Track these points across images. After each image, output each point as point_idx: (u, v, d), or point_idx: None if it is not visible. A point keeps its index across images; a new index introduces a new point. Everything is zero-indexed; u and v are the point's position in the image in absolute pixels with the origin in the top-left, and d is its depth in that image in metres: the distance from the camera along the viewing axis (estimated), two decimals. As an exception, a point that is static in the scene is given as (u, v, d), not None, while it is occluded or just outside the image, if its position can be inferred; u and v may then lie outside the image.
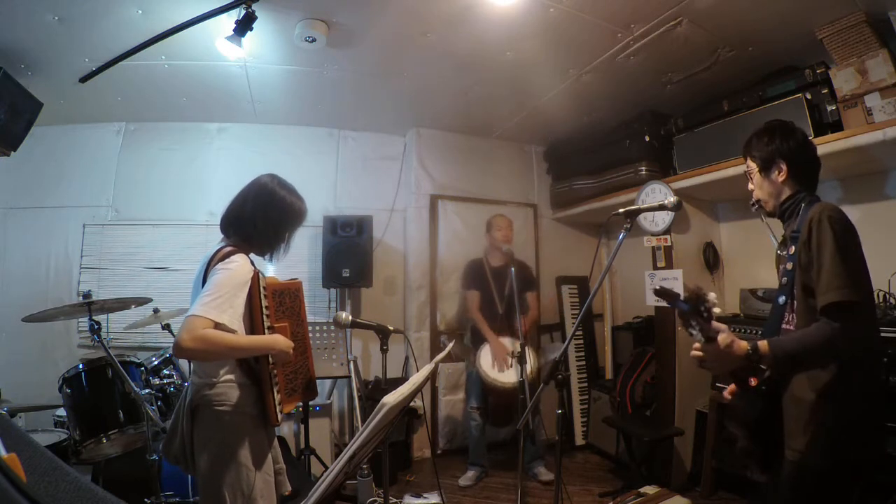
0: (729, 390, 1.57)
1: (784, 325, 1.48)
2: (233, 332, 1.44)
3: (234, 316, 1.44)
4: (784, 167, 1.49)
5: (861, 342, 1.34)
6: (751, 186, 1.61)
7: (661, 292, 1.28)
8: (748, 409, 1.48)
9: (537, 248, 4.41)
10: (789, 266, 1.44)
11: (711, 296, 1.25)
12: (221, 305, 1.41)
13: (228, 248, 1.54)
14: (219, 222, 1.68)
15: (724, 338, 1.29)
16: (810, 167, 1.53)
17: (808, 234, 1.36)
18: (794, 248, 1.43)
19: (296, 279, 1.79)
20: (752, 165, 1.57)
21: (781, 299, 1.46)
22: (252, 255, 1.65)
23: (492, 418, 3.43)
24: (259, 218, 1.62)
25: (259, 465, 1.51)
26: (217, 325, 1.39)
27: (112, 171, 3.70)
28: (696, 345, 1.34)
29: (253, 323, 1.54)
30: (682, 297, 1.26)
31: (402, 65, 3.02)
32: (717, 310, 1.27)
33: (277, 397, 1.56)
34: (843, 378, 1.32)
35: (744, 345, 1.32)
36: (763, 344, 1.32)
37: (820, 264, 1.32)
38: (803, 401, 1.36)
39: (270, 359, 1.56)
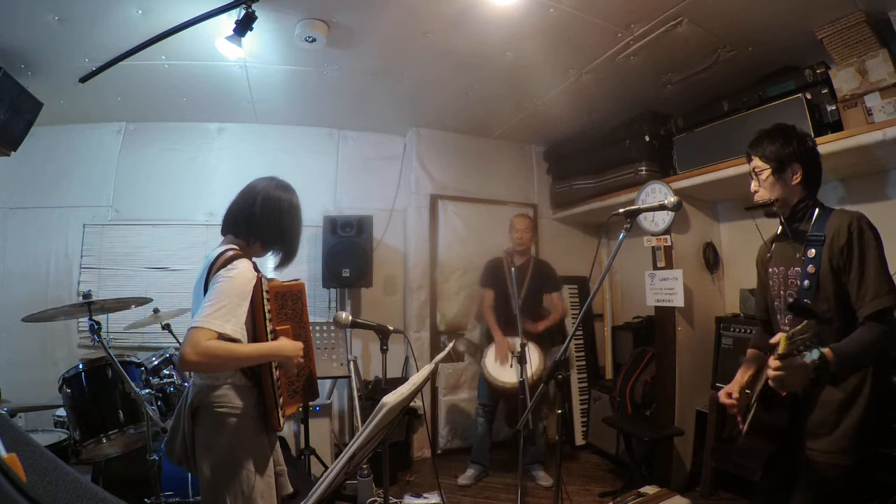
0: (724, 392, 1.57)
1: None
2: (237, 341, 1.42)
3: (237, 325, 1.42)
4: (800, 170, 1.51)
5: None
6: (754, 186, 1.60)
7: (797, 306, 1.28)
8: (776, 418, 1.49)
9: (537, 249, 4.40)
10: (811, 269, 1.44)
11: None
12: (225, 315, 1.39)
13: (231, 253, 1.51)
14: (221, 223, 1.66)
15: None
16: (818, 172, 1.56)
17: (848, 241, 1.39)
18: (813, 251, 1.44)
19: (298, 280, 1.76)
20: (762, 165, 1.56)
21: (805, 303, 1.46)
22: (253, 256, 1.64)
23: (506, 419, 3.44)
24: (271, 224, 1.61)
25: (260, 468, 1.51)
26: (220, 336, 1.38)
27: (112, 171, 3.70)
28: (776, 363, 1.26)
29: (255, 328, 1.52)
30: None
31: (402, 65, 3.02)
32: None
33: (280, 401, 1.55)
34: (868, 379, 1.37)
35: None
36: (828, 351, 1.31)
37: (864, 270, 1.36)
38: (830, 402, 1.39)
39: (274, 363, 1.55)
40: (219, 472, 1.45)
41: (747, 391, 1.54)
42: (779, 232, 1.64)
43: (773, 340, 1.31)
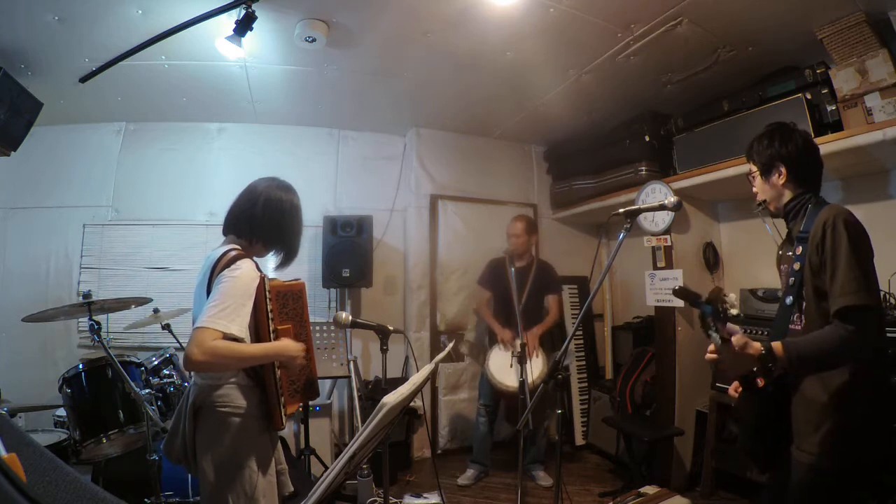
0: (733, 387, 1.57)
1: (791, 327, 1.48)
2: (241, 340, 1.43)
3: (242, 325, 1.43)
4: (783, 170, 1.51)
5: (872, 344, 1.36)
6: (754, 189, 1.62)
7: (682, 292, 1.28)
8: (754, 409, 1.48)
9: (537, 249, 4.40)
10: (797, 266, 1.44)
11: (731, 297, 1.28)
12: (230, 315, 1.40)
13: (234, 253, 1.52)
14: (222, 223, 1.66)
15: (738, 339, 1.29)
16: (811, 169, 1.54)
17: (822, 237, 1.36)
18: (801, 248, 1.44)
19: (298, 280, 1.77)
20: (753, 168, 1.59)
21: (788, 300, 1.46)
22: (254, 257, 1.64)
23: (506, 416, 3.44)
24: (273, 224, 1.62)
25: (263, 467, 1.51)
26: (226, 336, 1.38)
27: (112, 171, 3.70)
28: (711, 347, 1.33)
29: (258, 327, 1.52)
30: (702, 298, 1.26)
31: (402, 65, 3.02)
32: (733, 311, 1.28)
33: (282, 400, 1.56)
34: (855, 379, 1.34)
35: (757, 346, 1.32)
36: (777, 345, 1.32)
37: (834, 268, 1.33)
38: (815, 402, 1.37)
39: (276, 362, 1.55)
40: (222, 471, 1.45)
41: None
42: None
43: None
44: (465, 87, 3.33)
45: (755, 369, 1.37)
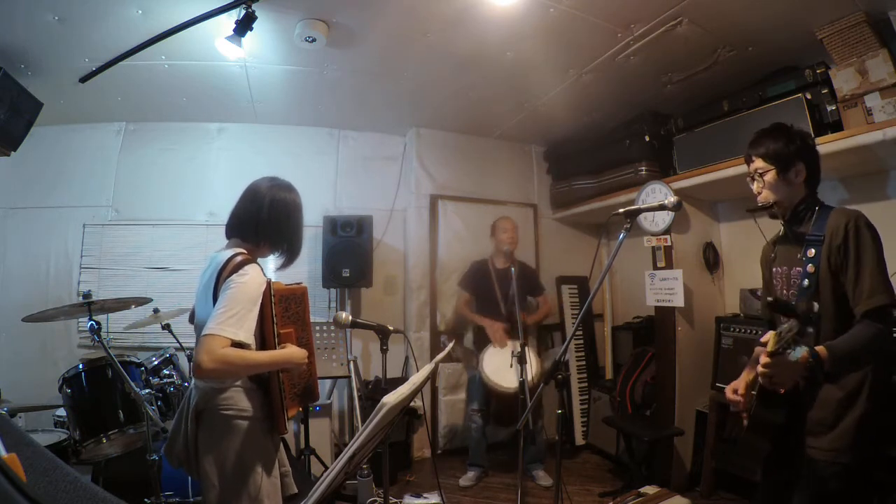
0: (731, 388, 1.56)
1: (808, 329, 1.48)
2: (248, 346, 1.43)
3: (249, 331, 1.43)
4: (803, 169, 1.51)
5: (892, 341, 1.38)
6: (757, 188, 1.58)
7: (778, 305, 1.27)
8: (773, 416, 1.49)
9: (537, 248, 4.41)
10: (811, 269, 1.45)
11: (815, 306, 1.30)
12: (238, 322, 1.40)
13: (240, 258, 1.51)
14: (225, 226, 1.66)
15: None
16: (819, 170, 1.56)
17: (844, 239, 1.39)
18: (813, 251, 1.44)
19: (300, 283, 1.76)
20: (766, 166, 1.54)
21: (787, 302, 1.46)
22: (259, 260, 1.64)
23: (494, 419, 3.46)
24: (279, 226, 1.62)
25: (267, 470, 1.51)
26: (233, 342, 1.39)
27: (112, 171, 3.70)
28: (764, 360, 1.31)
29: (263, 331, 1.52)
30: (798, 311, 1.28)
31: (402, 65, 3.02)
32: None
33: (284, 404, 1.56)
34: (870, 377, 1.37)
35: (804, 353, 1.33)
36: (822, 349, 1.33)
37: (859, 269, 1.36)
38: (830, 401, 1.39)
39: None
40: (226, 474, 1.45)
41: (753, 392, 1.54)
42: (781, 233, 1.64)
43: (763, 339, 1.34)
44: (464, 87, 3.33)
45: (803, 377, 1.36)
